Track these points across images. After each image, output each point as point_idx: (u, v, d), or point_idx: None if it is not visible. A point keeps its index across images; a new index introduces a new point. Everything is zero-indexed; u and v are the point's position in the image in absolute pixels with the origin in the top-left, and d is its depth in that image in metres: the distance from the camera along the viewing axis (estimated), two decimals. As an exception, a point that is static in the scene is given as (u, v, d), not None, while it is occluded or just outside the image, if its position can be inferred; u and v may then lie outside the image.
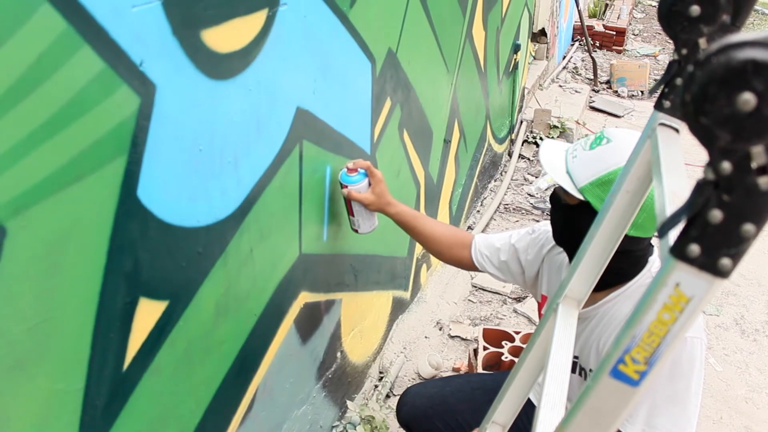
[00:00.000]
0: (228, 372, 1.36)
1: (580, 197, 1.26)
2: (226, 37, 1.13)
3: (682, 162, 0.78)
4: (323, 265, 1.80)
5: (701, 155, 0.52)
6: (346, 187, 1.66)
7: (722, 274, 0.55)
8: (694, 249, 0.55)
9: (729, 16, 0.81)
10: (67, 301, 0.89)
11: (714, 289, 0.56)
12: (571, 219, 1.32)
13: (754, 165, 0.50)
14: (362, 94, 1.83)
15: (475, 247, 1.70)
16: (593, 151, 1.25)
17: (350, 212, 1.73)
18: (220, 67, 1.13)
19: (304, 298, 1.70)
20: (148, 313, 1.07)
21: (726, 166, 0.51)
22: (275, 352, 1.58)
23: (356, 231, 1.77)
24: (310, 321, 1.78)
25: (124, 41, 0.89)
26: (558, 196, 1.35)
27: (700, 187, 0.53)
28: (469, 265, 1.73)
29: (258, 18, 1.21)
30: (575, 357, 1.42)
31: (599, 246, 1.03)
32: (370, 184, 1.67)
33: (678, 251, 0.55)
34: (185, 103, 1.06)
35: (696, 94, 0.50)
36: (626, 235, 1.21)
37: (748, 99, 0.47)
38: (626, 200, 0.97)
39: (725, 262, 0.54)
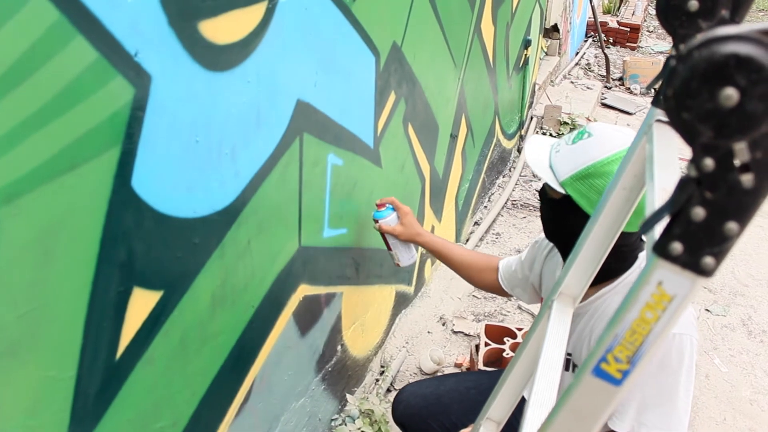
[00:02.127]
0: (224, 363, 1.37)
1: (562, 191, 1.27)
2: (224, 28, 1.13)
3: (676, 158, 0.77)
4: (324, 258, 1.80)
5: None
6: (377, 221, 1.81)
7: (705, 273, 0.54)
8: (677, 247, 0.54)
9: (728, 11, 0.80)
10: (59, 289, 0.90)
11: (697, 288, 0.55)
12: (556, 213, 1.34)
13: (737, 162, 0.49)
14: (365, 87, 1.82)
15: (500, 272, 1.79)
16: (575, 145, 1.26)
17: (388, 247, 1.87)
18: (218, 58, 1.13)
19: (304, 290, 1.70)
20: (142, 302, 1.08)
21: (708, 162, 0.50)
22: (273, 344, 1.58)
23: (398, 265, 1.89)
24: (309, 314, 1.78)
25: (119, 31, 0.90)
26: (545, 191, 1.37)
27: (683, 184, 0.52)
28: (498, 289, 1.81)
29: (257, 10, 1.21)
30: (568, 354, 1.42)
31: (595, 243, 1.02)
32: (398, 217, 1.81)
33: (660, 249, 0.55)
34: (182, 94, 1.06)
35: (678, 88, 0.49)
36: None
37: (730, 94, 0.47)
38: (622, 197, 0.96)
39: (708, 260, 0.53)
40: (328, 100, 1.59)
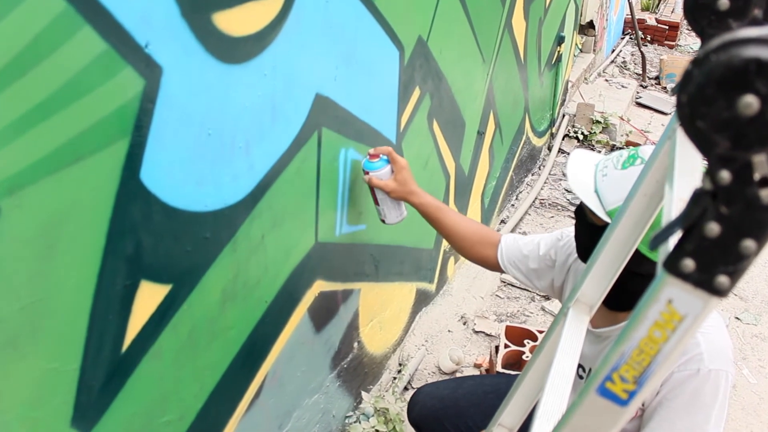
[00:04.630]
0: (234, 358, 1.36)
1: (608, 220, 1.16)
2: (239, 20, 1.11)
3: (699, 166, 0.73)
4: (341, 255, 1.78)
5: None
6: (368, 173, 1.62)
7: (719, 292, 0.50)
8: (689, 264, 0.50)
9: (761, 11, 0.75)
10: (63, 281, 0.89)
11: (710, 308, 0.51)
12: (596, 239, 1.25)
13: (756, 176, 0.45)
14: (388, 82, 1.79)
15: (501, 249, 1.65)
16: (625, 170, 1.16)
17: (375, 201, 1.69)
18: (232, 50, 1.11)
19: (320, 286, 1.69)
20: (149, 296, 1.07)
21: (725, 175, 0.46)
22: (286, 339, 1.57)
23: (383, 221, 1.73)
24: (325, 310, 1.77)
25: (129, 22, 0.88)
26: (584, 212, 1.27)
27: (697, 197, 0.48)
28: (493, 265, 1.68)
29: (275, 1, 1.19)
30: None
31: (613, 251, 0.98)
32: (393, 171, 1.63)
33: (671, 265, 0.51)
34: (194, 86, 1.04)
35: (693, 95, 0.45)
36: (647, 258, 1.14)
37: (750, 102, 0.43)
38: (643, 204, 0.92)
39: (722, 279, 0.50)
40: (349, 95, 1.57)
